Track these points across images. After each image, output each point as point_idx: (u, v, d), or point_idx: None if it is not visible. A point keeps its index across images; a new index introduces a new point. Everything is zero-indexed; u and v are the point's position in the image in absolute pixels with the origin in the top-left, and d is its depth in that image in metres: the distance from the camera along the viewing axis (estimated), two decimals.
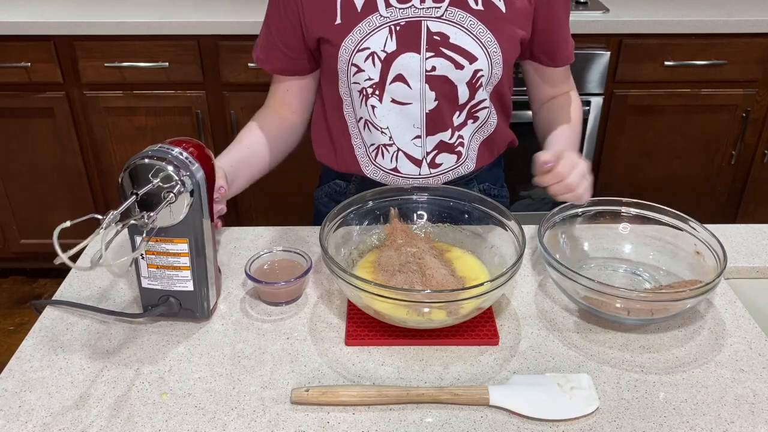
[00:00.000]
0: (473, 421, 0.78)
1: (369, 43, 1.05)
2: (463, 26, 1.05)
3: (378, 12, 1.05)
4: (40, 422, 0.78)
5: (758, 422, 0.78)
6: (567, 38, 1.16)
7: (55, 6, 2.20)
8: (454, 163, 1.17)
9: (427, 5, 1.05)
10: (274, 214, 2.38)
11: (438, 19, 1.05)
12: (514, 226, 0.96)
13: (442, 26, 1.05)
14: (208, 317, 0.94)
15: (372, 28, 1.05)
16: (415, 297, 0.86)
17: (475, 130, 1.16)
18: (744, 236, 1.15)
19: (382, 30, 1.05)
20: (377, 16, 1.05)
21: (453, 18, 1.05)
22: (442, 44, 1.05)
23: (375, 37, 1.05)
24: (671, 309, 0.89)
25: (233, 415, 0.78)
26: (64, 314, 0.95)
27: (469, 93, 1.10)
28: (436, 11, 1.05)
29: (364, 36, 1.05)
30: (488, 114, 1.15)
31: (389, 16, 1.05)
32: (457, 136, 1.14)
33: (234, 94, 2.16)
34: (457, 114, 1.12)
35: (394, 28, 1.05)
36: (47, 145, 2.25)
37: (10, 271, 2.61)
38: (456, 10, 1.05)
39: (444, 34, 1.05)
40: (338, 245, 0.99)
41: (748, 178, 2.34)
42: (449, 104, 1.10)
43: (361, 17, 1.05)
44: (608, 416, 0.79)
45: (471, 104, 1.12)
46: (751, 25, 2.08)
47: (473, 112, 1.13)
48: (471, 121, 1.14)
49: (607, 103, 2.19)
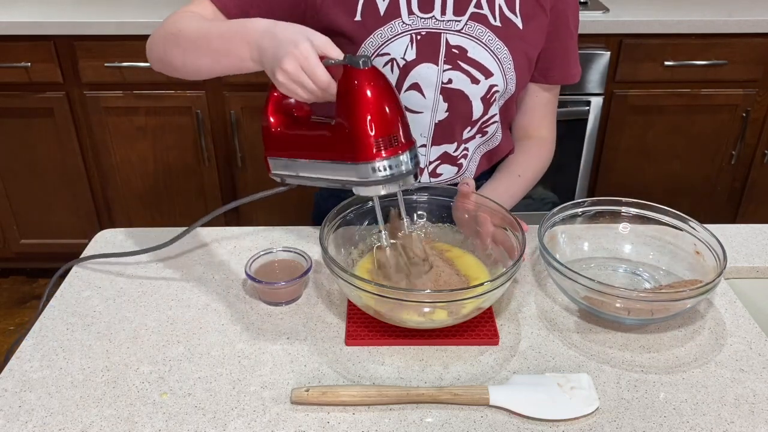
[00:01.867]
0: (473, 421, 0.78)
1: (389, 49, 1.04)
2: (481, 41, 1.05)
3: (401, 18, 1.04)
4: (40, 422, 0.78)
5: (758, 422, 0.78)
6: (565, 57, 1.14)
7: (55, 6, 2.20)
8: (454, 175, 1.16)
9: (447, 18, 1.04)
10: (275, 211, 2.38)
11: (457, 32, 1.04)
12: (515, 225, 0.96)
13: (461, 40, 1.05)
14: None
15: (394, 34, 1.04)
16: (415, 297, 0.86)
17: (481, 144, 1.16)
18: (744, 236, 1.15)
19: (403, 37, 1.04)
20: (400, 23, 1.04)
21: (472, 32, 1.04)
22: (460, 57, 1.05)
23: (396, 44, 1.04)
24: (671, 309, 0.89)
25: (233, 415, 0.78)
26: (65, 314, 0.95)
27: (483, 108, 1.10)
28: (456, 24, 1.04)
29: (385, 41, 1.04)
30: (496, 129, 1.15)
31: (411, 24, 1.04)
32: (462, 148, 1.14)
33: (234, 94, 2.16)
34: (468, 129, 1.12)
35: (415, 37, 1.04)
36: (47, 145, 2.25)
37: (10, 271, 2.61)
38: (475, 25, 1.04)
39: (462, 47, 1.05)
40: (338, 245, 0.99)
41: (748, 178, 2.34)
42: (461, 119, 1.10)
43: (384, 21, 1.04)
44: (608, 416, 0.79)
45: (483, 120, 1.11)
46: (751, 25, 2.08)
47: (483, 128, 1.13)
48: (480, 135, 1.14)
49: (607, 103, 2.19)
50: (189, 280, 1.02)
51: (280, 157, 0.93)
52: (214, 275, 1.04)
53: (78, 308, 0.96)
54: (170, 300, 0.98)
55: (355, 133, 0.82)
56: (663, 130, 2.26)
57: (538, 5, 1.07)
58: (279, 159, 0.94)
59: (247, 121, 2.20)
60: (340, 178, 0.87)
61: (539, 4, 1.07)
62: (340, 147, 0.85)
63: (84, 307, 0.96)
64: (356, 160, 0.83)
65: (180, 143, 2.25)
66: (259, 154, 2.25)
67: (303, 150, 0.91)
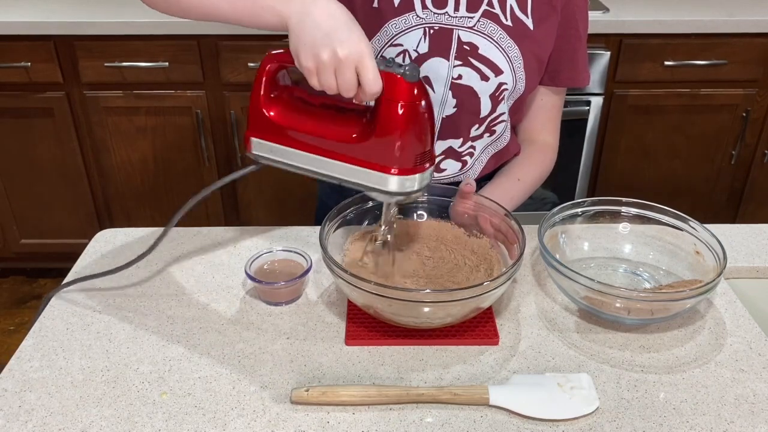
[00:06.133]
0: (473, 421, 0.78)
1: (403, 40, 1.04)
2: (492, 39, 1.05)
3: (415, 11, 1.04)
4: (40, 422, 0.78)
5: (758, 422, 0.78)
6: (573, 59, 1.14)
7: (55, 6, 2.20)
8: (458, 171, 1.16)
9: (460, 14, 1.04)
10: (275, 211, 2.38)
11: (469, 29, 1.04)
12: (514, 226, 0.96)
13: (473, 36, 1.05)
14: None
15: (408, 26, 1.04)
16: (414, 296, 0.86)
17: (489, 144, 1.16)
18: (744, 236, 1.15)
19: (417, 30, 1.04)
20: (414, 15, 1.04)
21: (484, 30, 1.05)
22: (471, 54, 1.05)
23: (409, 36, 1.04)
24: (671, 309, 0.89)
25: (233, 415, 0.78)
26: (65, 314, 0.95)
27: (491, 106, 1.10)
28: (468, 21, 1.04)
29: (399, 31, 1.04)
30: (504, 128, 1.15)
31: (425, 18, 1.04)
32: (469, 145, 1.14)
33: (234, 94, 2.16)
34: (476, 126, 1.12)
35: (428, 31, 1.04)
36: (47, 145, 2.25)
37: (10, 271, 2.61)
38: (487, 22, 1.04)
39: (473, 44, 1.05)
40: (338, 245, 0.99)
41: (748, 178, 2.34)
42: (469, 115, 1.10)
43: (399, 12, 1.04)
44: (608, 416, 0.79)
45: (491, 117, 1.11)
46: (751, 25, 2.08)
47: (492, 126, 1.13)
48: (488, 134, 1.14)
49: (607, 103, 2.19)
50: (189, 280, 1.02)
51: (268, 141, 0.85)
52: (214, 275, 1.04)
53: (78, 308, 0.96)
54: (170, 300, 0.98)
55: (401, 146, 0.79)
56: (663, 130, 2.26)
57: (550, 6, 1.07)
58: (266, 143, 0.85)
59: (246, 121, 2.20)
60: (357, 180, 0.84)
61: (551, 5, 1.07)
62: (372, 153, 0.81)
63: (84, 307, 0.96)
64: (395, 172, 0.80)
65: (180, 143, 2.25)
66: None
67: (306, 143, 0.83)
